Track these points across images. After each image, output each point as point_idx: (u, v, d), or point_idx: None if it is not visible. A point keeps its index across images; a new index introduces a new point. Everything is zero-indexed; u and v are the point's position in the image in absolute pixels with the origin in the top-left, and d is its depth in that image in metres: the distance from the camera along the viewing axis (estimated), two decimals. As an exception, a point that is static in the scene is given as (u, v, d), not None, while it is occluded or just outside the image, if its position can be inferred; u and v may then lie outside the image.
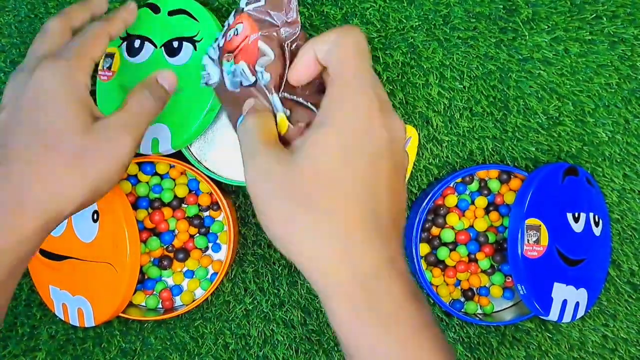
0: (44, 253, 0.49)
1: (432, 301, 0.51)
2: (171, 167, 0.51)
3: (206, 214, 0.52)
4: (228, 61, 0.36)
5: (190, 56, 0.46)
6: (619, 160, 0.54)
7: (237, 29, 0.35)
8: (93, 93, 0.52)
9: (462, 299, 0.53)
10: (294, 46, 0.35)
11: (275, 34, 0.35)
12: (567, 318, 0.49)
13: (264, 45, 0.34)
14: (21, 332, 0.53)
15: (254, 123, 0.30)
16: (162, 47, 0.47)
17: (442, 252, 0.52)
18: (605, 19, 0.53)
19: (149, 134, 0.47)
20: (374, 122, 0.26)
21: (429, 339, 0.26)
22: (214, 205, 0.52)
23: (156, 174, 0.52)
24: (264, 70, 0.33)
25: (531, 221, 0.47)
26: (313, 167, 0.26)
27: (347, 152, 0.26)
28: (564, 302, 0.48)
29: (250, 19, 0.35)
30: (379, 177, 0.26)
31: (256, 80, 0.34)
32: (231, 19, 0.37)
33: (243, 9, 0.36)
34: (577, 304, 0.49)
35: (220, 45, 0.37)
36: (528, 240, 0.47)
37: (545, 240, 0.47)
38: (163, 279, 0.52)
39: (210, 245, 0.52)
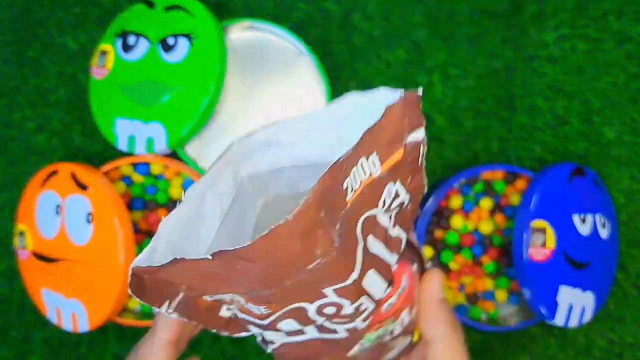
0: (36, 255, 0.48)
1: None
2: (166, 167, 0.50)
3: (203, 215, 0.51)
4: (381, 327, 0.28)
5: (187, 53, 0.45)
6: (626, 161, 0.53)
7: (403, 288, 0.27)
8: (87, 91, 0.52)
9: (466, 304, 0.52)
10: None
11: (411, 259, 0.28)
12: (573, 322, 0.48)
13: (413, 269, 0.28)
14: (14, 336, 0.52)
15: None
16: (158, 44, 0.46)
17: (446, 256, 0.51)
18: (612, 17, 0.52)
19: (144, 133, 0.46)
20: None
21: None
22: (212, 207, 0.51)
23: (151, 174, 0.51)
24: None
25: (537, 223, 0.46)
26: None
27: None
28: (570, 306, 0.47)
29: (408, 264, 0.28)
30: None
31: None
32: (383, 291, 0.26)
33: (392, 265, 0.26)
34: (584, 308, 0.48)
35: (361, 325, 0.26)
36: (534, 243, 0.46)
37: (551, 242, 0.46)
38: (159, 282, 0.51)
39: (207, 247, 0.51)
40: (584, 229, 0.48)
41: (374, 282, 0.24)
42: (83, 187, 0.46)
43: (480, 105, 0.52)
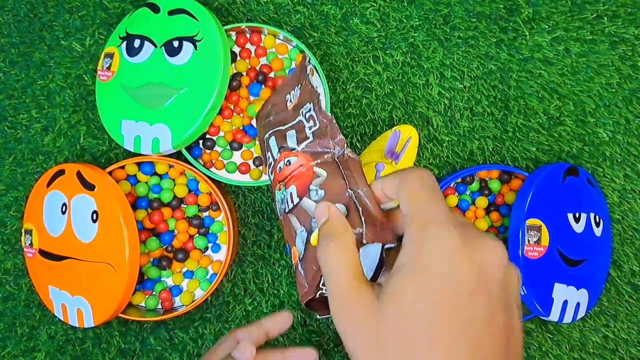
0: (43, 253, 0.49)
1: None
2: (170, 167, 0.51)
3: (206, 214, 0.52)
4: (279, 190, 0.38)
5: (191, 56, 0.46)
6: (619, 161, 0.54)
7: (289, 160, 0.38)
8: (93, 93, 0.52)
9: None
10: (345, 157, 0.38)
11: (329, 158, 0.38)
12: (567, 318, 0.48)
13: (319, 169, 0.37)
14: (20, 333, 0.52)
15: (340, 257, 0.28)
16: (162, 47, 0.47)
17: (443, 253, 0.51)
18: (606, 19, 0.53)
19: (150, 133, 0.47)
20: (458, 259, 0.24)
21: None
22: (214, 206, 0.52)
23: (155, 174, 0.51)
24: (319, 188, 0.36)
25: (532, 221, 0.47)
26: (401, 319, 0.24)
27: (435, 299, 0.24)
28: (565, 303, 0.48)
29: (303, 154, 0.39)
30: (476, 319, 0.24)
31: (295, 205, 0.36)
32: (275, 154, 0.40)
33: (294, 148, 0.39)
34: (578, 304, 0.49)
35: (271, 179, 0.40)
36: (529, 241, 0.46)
37: (546, 240, 0.47)
38: (162, 279, 0.52)
39: (209, 245, 0.52)
40: (578, 228, 0.49)
41: (274, 145, 0.41)
42: (89, 186, 0.47)
43: (475, 106, 0.53)
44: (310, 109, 0.41)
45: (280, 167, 0.39)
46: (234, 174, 0.51)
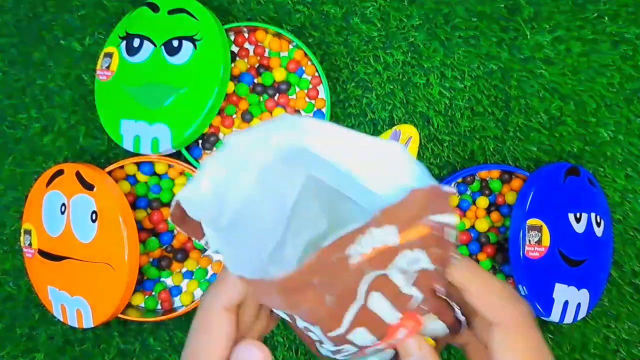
0: (42, 253, 0.49)
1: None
2: (170, 167, 0.51)
3: (206, 214, 0.52)
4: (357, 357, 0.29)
5: (190, 55, 0.46)
6: (620, 161, 0.53)
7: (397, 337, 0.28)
8: (92, 93, 0.52)
9: (463, 300, 0.53)
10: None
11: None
12: (568, 319, 0.48)
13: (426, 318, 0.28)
14: (19, 333, 0.52)
15: None
16: (162, 46, 0.47)
17: (443, 253, 0.51)
18: (607, 19, 0.53)
19: (150, 133, 0.47)
20: None
21: None
22: (214, 206, 0.52)
23: (155, 174, 0.51)
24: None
25: (533, 221, 0.47)
26: None
27: None
28: (566, 303, 0.48)
29: (415, 315, 0.28)
30: None
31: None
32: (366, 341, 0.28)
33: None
34: (579, 304, 0.49)
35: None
36: (530, 241, 0.46)
37: (546, 240, 0.47)
38: (162, 279, 0.52)
39: (209, 245, 0.52)
40: (579, 228, 0.49)
41: (361, 337, 0.26)
42: (88, 186, 0.47)
43: (476, 105, 0.53)
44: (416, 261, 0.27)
45: (375, 349, 0.29)
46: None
